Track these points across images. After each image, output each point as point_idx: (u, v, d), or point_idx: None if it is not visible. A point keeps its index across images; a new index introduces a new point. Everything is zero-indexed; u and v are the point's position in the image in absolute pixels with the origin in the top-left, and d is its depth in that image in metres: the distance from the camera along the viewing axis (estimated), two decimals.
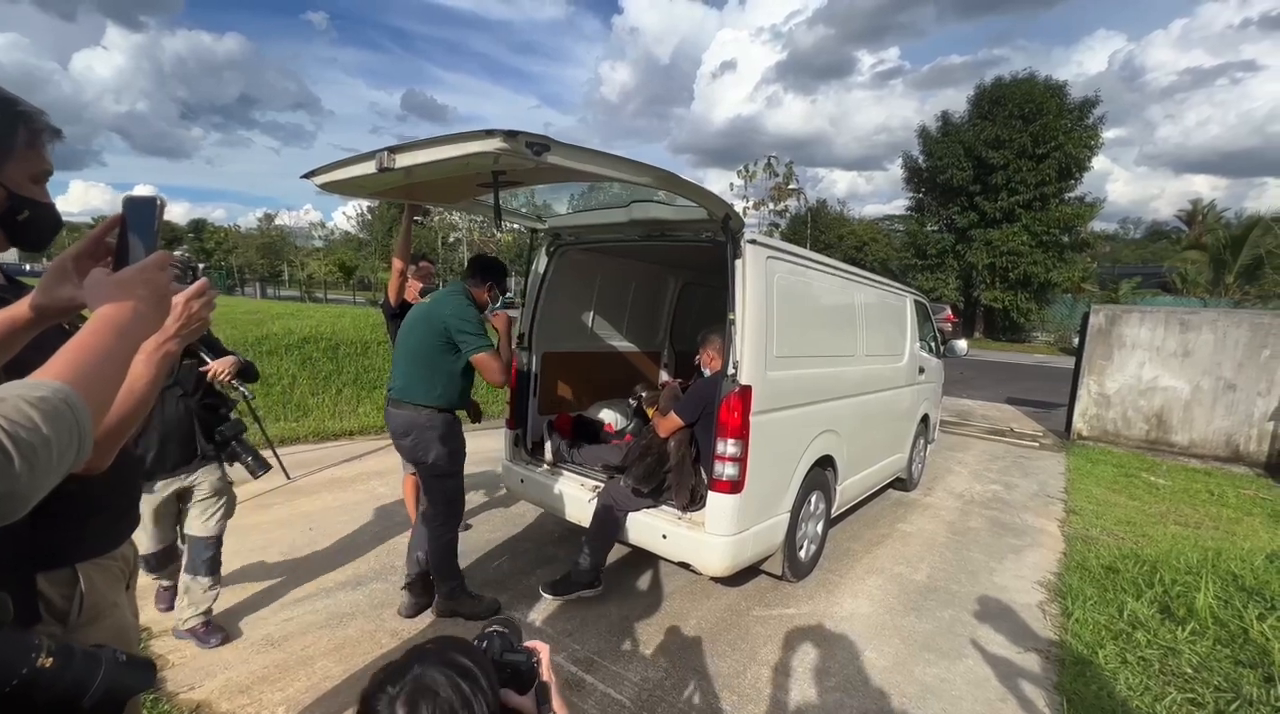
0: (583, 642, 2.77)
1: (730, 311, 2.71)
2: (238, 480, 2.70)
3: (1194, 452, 7.35)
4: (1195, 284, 23.80)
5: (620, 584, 3.36)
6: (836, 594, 3.38)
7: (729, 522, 2.74)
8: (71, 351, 0.65)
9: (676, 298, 5.16)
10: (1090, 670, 2.67)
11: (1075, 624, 3.08)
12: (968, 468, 6.56)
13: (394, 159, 2.07)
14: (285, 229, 50.55)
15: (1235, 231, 24.21)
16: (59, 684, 0.75)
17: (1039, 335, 27.55)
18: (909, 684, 2.59)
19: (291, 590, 3.06)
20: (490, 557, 3.61)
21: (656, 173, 2.12)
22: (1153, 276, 28.07)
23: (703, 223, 2.85)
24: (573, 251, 3.76)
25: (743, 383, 2.70)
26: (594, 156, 1.93)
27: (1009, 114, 24.58)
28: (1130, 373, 7.71)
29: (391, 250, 3.13)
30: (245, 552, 3.43)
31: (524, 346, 3.74)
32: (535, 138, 1.73)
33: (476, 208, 3.16)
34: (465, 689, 0.72)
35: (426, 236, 31.92)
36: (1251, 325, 7.00)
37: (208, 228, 50.05)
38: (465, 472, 2.89)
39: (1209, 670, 2.63)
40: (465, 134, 1.79)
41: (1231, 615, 3.00)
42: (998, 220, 25.65)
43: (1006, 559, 4.04)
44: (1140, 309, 7.95)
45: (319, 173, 2.42)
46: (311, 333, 8.11)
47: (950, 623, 3.14)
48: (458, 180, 2.48)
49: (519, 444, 3.71)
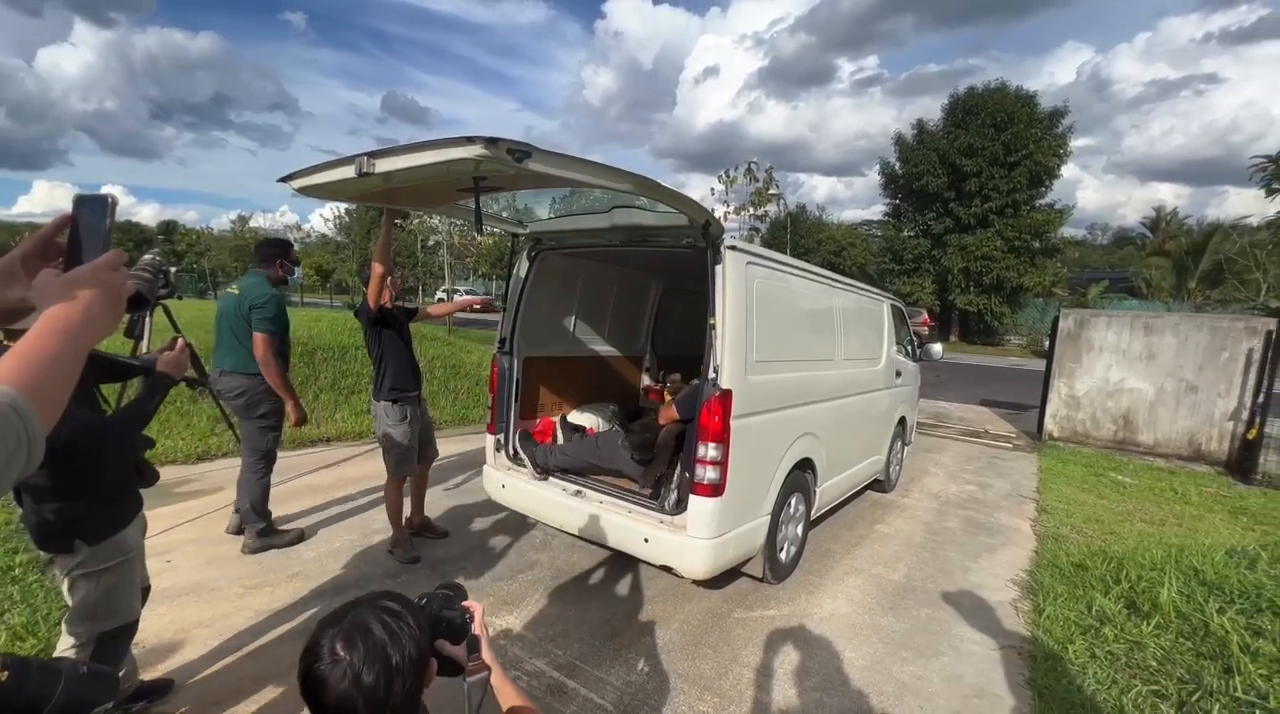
0: (565, 647, 2.76)
1: (711, 317, 2.74)
2: (209, 489, 2.64)
3: (1159, 451, 7.59)
4: (1160, 289, 24.58)
5: (602, 588, 3.37)
6: (816, 595, 3.43)
7: (710, 525, 2.77)
8: (18, 354, 0.63)
9: (658, 303, 5.19)
10: (1060, 665, 2.75)
11: (1046, 620, 3.16)
12: (944, 469, 6.68)
13: (374, 164, 2.07)
14: (261, 232, 49.57)
15: (1196, 238, 25.06)
16: (16, 699, 0.74)
17: (1012, 339, 28.19)
18: (886, 683, 2.63)
19: (266, 602, 3.01)
20: (471, 562, 3.59)
21: (636, 179, 2.15)
22: (1120, 281, 28.92)
23: (683, 229, 2.88)
24: (554, 256, 3.76)
25: (723, 387, 2.73)
26: (574, 163, 1.94)
27: (982, 123, 25.21)
28: (1098, 375, 7.94)
29: (370, 254, 3.13)
30: (218, 562, 3.36)
31: (505, 351, 3.74)
32: (516, 145, 1.74)
33: (457, 212, 3.15)
34: (394, 628, 0.82)
35: (406, 240, 31.55)
36: (1211, 329, 7.26)
37: (179, 230, 48.76)
38: (449, 481, 2.86)
39: (1172, 663, 2.72)
40: (446, 140, 1.80)
41: (1194, 609, 3.11)
42: (972, 226, 26.25)
43: (981, 558, 4.13)
44: (1107, 313, 8.19)
45: (297, 176, 2.40)
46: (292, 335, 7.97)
47: (927, 621, 3.20)
48: (438, 185, 2.47)
49: (500, 449, 3.70)
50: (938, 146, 26.48)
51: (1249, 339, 7.01)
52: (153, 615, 2.67)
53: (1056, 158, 25.03)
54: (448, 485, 4.88)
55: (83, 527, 1.76)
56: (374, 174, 2.08)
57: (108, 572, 1.82)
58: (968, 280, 26.61)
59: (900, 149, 28.55)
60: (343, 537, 3.84)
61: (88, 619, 1.81)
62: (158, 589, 2.47)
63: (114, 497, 1.87)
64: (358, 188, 2.46)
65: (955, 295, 27.21)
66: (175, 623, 2.75)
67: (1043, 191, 25.93)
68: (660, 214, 2.92)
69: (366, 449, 5.87)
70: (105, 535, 1.81)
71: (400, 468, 3.51)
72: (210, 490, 4.37)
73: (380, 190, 2.61)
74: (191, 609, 2.88)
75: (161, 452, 5.01)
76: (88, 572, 1.78)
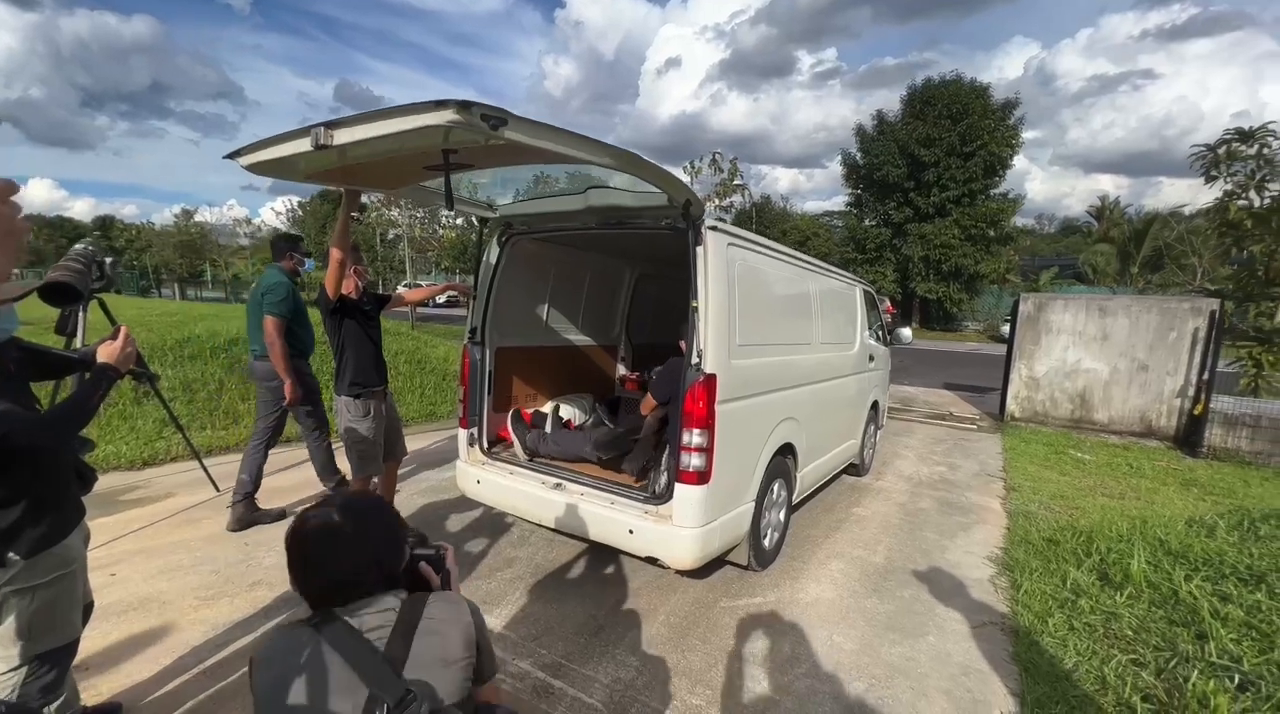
0: (549, 646, 2.66)
1: (693, 299, 2.66)
2: (156, 495, 2.43)
3: (1112, 428, 7.91)
4: (1105, 274, 25.82)
5: (584, 583, 3.27)
6: (801, 580, 3.40)
7: (697, 513, 2.70)
8: None
9: (632, 289, 5.09)
10: (1042, 639, 2.78)
11: (1024, 595, 3.21)
12: (914, 451, 6.80)
13: (332, 135, 1.89)
14: (207, 226, 47.20)
15: (1138, 226, 26.38)
16: None
17: (969, 324, 29.15)
18: (876, 666, 2.62)
19: (225, 614, 2.80)
20: None
21: (618, 153, 2.03)
22: (1068, 268, 30.24)
23: (662, 209, 2.78)
24: (525, 241, 3.62)
25: (707, 371, 2.65)
26: (554, 133, 1.82)
27: (939, 114, 25.83)
28: (1056, 357, 8.22)
29: (327, 245, 2.93)
30: (170, 573, 3.12)
31: (476, 341, 3.58)
32: (491, 110, 1.61)
33: (423, 195, 2.98)
34: (371, 504, 1.13)
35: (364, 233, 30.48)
36: (1161, 310, 7.58)
37: (117, 225, 45.98)
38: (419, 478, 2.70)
39: (1147, 631, 2.79)
40: (414, 106, 1.64)
41: (1162, 578, 3.20)
42: (930, 215, 26.94)
43: (957, 537, 4.19)
44: (1064, 297, 8.47)
45: (245, 152, 2.20)
46: (240, 334, 7.56)
47: (910, 602, 3.22)
48: (402, 161, 2.30)
49: (474, 444, 3.55)
50: (897, 137, 27.04)
51: (1195, 319, 7.35)
52: (96, 634, 2.45)
53: (1009, 148, 25.87)
54: (418, 483, 4.69)
55: (16, 537, 1.56)
56: (332, 147, 1.91)
57: (45, 587, 1.62)
58: (928, 268, 27.34)
59: (861, 140, 29.05)
60: None
61: (22, 639, 1.61)
62: (102, 605, 2.27)
63: (52, 503, 1.65)
64: (313, 163, 2.27)
65: (916, 283, 27.93)
66: (122, 641, 2.53)
67: (997, 181, 26.80)
68: (638, 195, 2.81)
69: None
70: (42, 547, 1.60)
71: (364, 465, 3.32)
72: (158, 497, 4.08)
73: (338, 168, 2.42)
74: (140, 625, 2.66)
75: (103, 457, 4.66)
76: (21, 587, 1.58)
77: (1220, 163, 8.59)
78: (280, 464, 5.06)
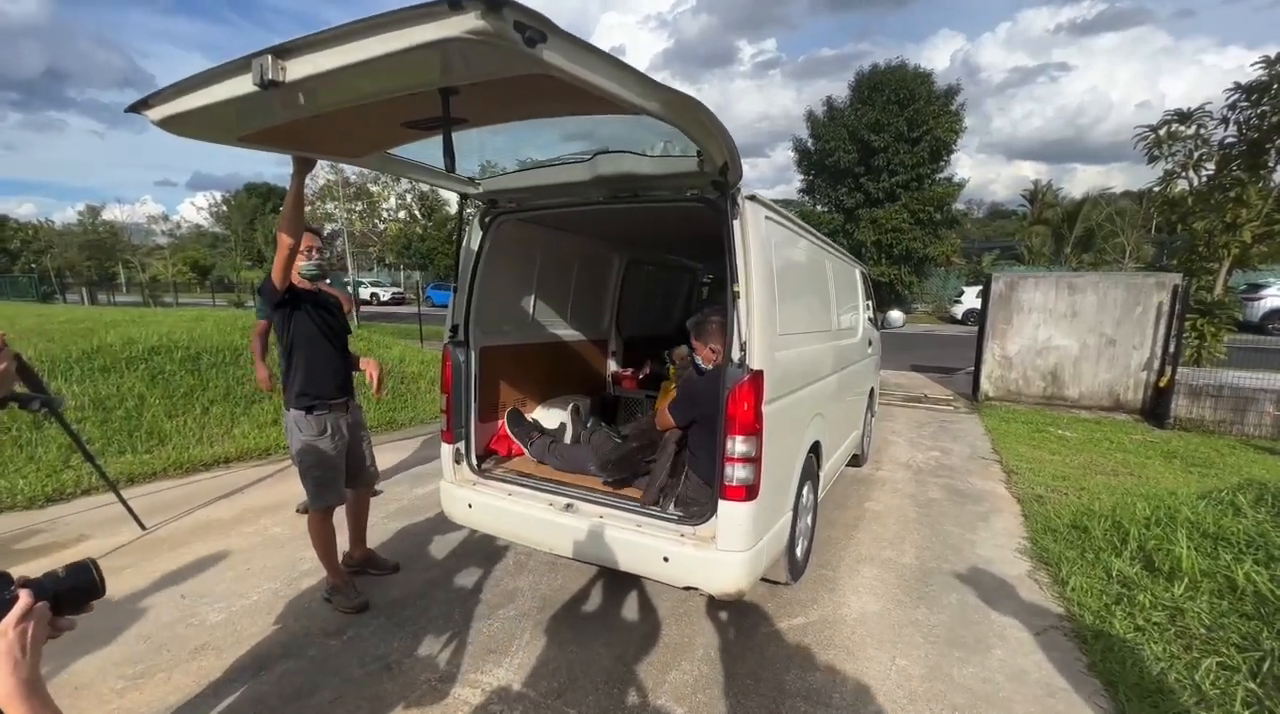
0: (576, 702, 2.22)
1: (734, 284, 2.24)
2: (66, 540, 1.85)
3: (1083, 404, 8.05)
4: (1040, 254, 27.04)
5: (601, 616, 2.84)
6: (838, 592, 3.08)
7: (745, 534, 2.30)
8: None
9: (622, 277, 4.61)
10: (1113, 645, 2.55)
11: (1074, 593, 3.00)
12: (902, 437, 6.67)
13: (284, 68, 1.36)
14: (117, 225, 43.24)
15: (1069, 208, 27.73)
16: None
17: (919, 307, 30.02)
18: (954, 693, 2.31)
19: (159, 695, 2.22)
20: (434, 601, 2.92)
21: (676, 98, 1.57)
22: (1007, 250, 31.56)
23: (689, 177, 2.34)
24: (510, 223, 3.10)
25: (754, 368, 2.25)
26: (602, 60, 1.34)
27: (886, 99, 26.23)
28: (1028, 335, 8.28)
29: (270, 234, 2.37)
30: (85, 643, 2.48)
31: (459, 341, 3.05)
32: (529, 18, 1.12)
33: (393, 164, 2.43)
34: None
35: None
36: (1127, 286, 7.72)
37: (10, 224, 41.30)
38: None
39: (1221, 628, 2.60)
40: (411, 11, 1.14)
41: (1214, 565, 3.04)
42: (881, 200, 27.42)
43: (978, 528, 3.98)
44: (1035, 275, 8.55)
45: (156, 100, 1.62)
46: (162, 342, 6.63)
47: (960, 609, 2.94)
48: (375, 113, 1.77)
49: (461, 460, 3.03)
50: (847, 123, 27.32)
51: (1159, 293, 7.51)
52: None
53: (953, 133, 26.58)
54: (388, 505, 4.11)
55: None
56: (283, 84, 1.37)
57: None
58: (880, 252, 27.87)
59: (812, 126, 29.22)
60: (261, 587, 3.02)
61: None
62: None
63: None
64: (252, 115, 1.71)
65: (869, 267, 28.45)
66: None
67: (942, 166, 27.52)
68: (661, 161, 2.36)
69: (277, 468, 4.91)
70: None
71: (322, 495, 2.74)
72: (66, 542, 3.35)
73: (284, 123, 1.85)
74: None
75: None
76: None
77: (1162, 143, 8.87)
78: (223, 489, 4.36)
